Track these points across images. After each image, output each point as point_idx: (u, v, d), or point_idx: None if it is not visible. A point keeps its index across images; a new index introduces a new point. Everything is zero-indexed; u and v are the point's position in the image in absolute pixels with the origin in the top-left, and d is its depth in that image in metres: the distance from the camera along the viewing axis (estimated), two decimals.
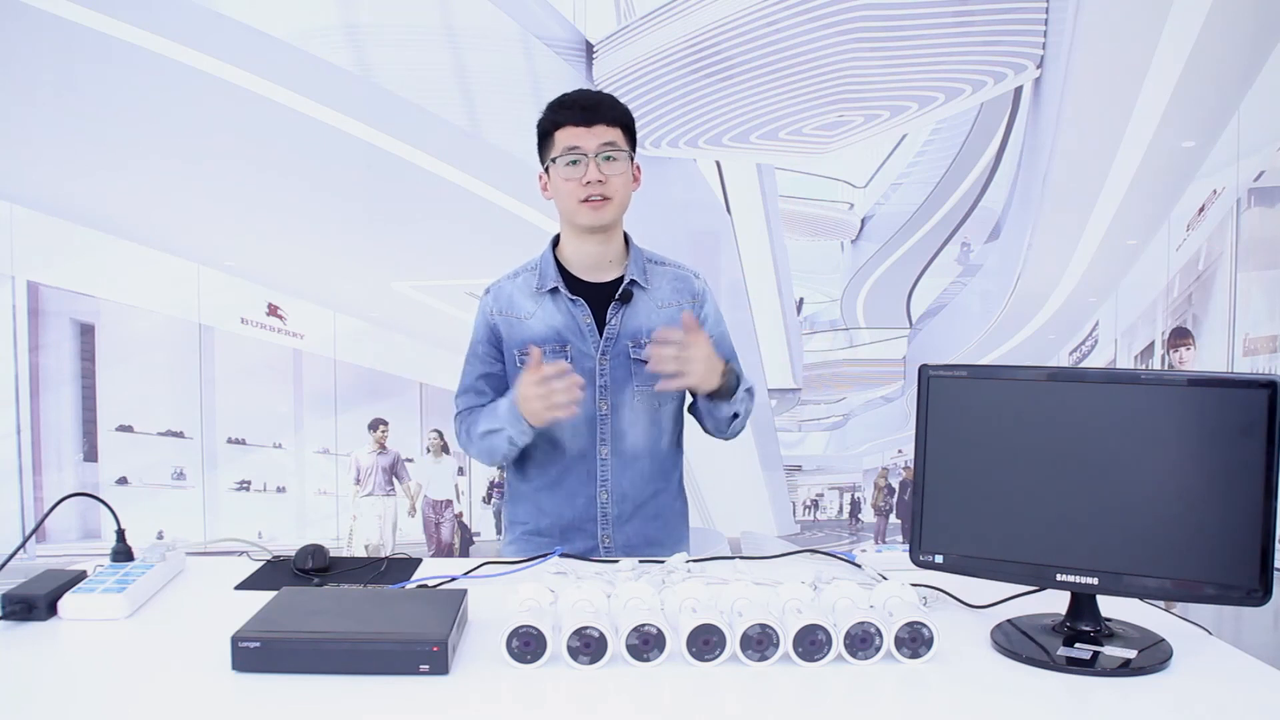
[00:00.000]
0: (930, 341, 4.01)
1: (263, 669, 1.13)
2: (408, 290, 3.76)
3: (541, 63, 3.76)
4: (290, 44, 3.55)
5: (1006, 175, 3.90)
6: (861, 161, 3.95)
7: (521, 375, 1.68)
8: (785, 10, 3.71)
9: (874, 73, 3.75)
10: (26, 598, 1.32)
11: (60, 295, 3.56)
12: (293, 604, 1.26)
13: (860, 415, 4.09)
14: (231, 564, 1.64)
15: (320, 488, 3.79)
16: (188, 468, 3.67)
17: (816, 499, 4.11)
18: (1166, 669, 1.16)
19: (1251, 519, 1.12)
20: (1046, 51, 3.73)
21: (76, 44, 3.40)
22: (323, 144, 3.58)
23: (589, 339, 1.80)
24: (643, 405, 1.81)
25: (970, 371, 1.31)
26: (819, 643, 1.16)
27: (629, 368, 1.80)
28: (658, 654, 1.17)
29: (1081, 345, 3.93)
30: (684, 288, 1.86)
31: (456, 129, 3.69)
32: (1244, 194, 3.62)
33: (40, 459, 3.56)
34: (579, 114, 1.74)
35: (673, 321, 1.82)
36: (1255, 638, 3.11)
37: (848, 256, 4.07)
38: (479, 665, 1.17)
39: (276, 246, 3.70)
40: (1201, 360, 3.70)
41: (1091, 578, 1.20)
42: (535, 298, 1.82)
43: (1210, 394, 1.15)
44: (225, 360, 3.68)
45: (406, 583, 1.50)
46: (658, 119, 3.79)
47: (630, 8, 3.81)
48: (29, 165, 3.47)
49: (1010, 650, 1.20)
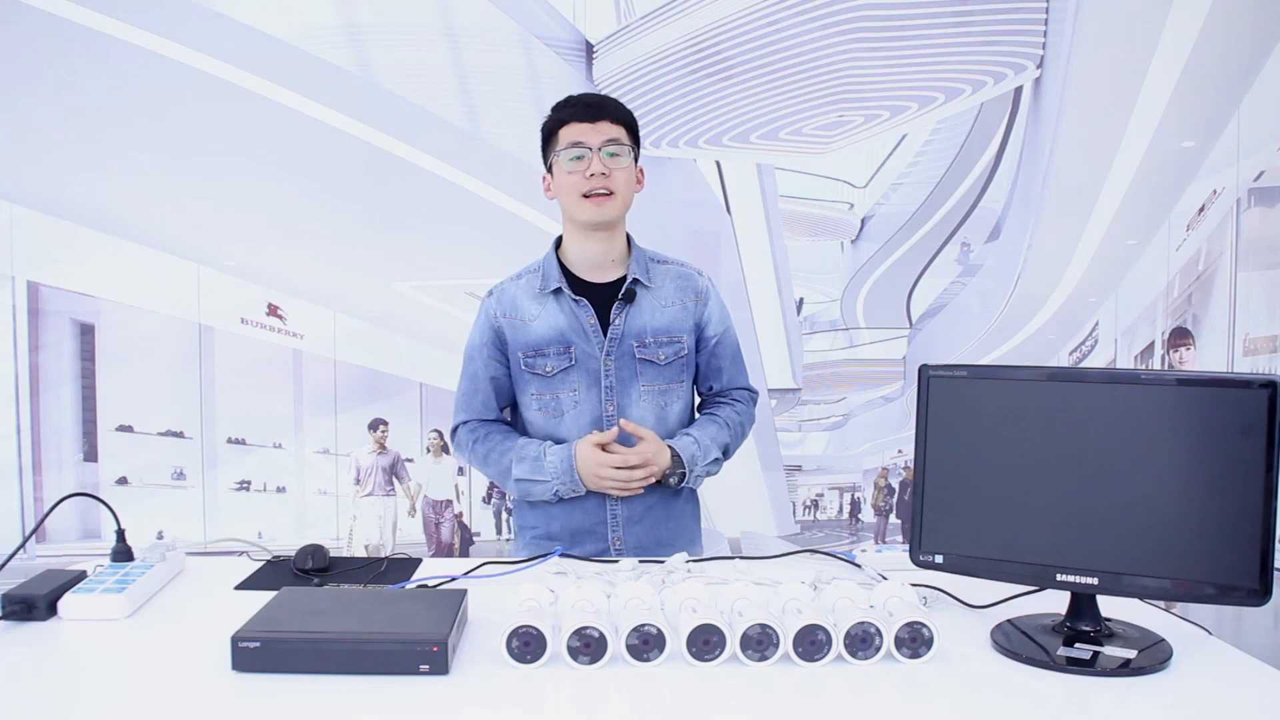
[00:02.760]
0: (930, 341, 4.01)
1: (263, 669, 1.13)
2: (408, 290, 3.76)
3: (541, 63, 3.76)
4: (290, 44, 3.55)
5: (1006, 175, 3.90)
6: (861, 161, 3.96)
7: (591, 453, 1.72)
8: (785, 10, 3.71)
9: (874, 73, 3.75)
10: (26, 598, 1.32)
11: (60, 295, 3.56)
12: (293, 604, 1.26)
13: (860, 415, 4.09)
14: (231, 564, 1.64)
15: (320, 488, 3.80)
16: (188, 468, 3.67)
17: (816, 499, 4.12)
18: (1166, 669, 1.16)
19: (1251, 519, 1.12)
20: (1046, 51, 3.73)
21: (77, 44, 3.40)
22: (323, 144, 3.58)
23: (593, 339, 1.79)
24: (649, 404, 1.81)
25: (970, 371, 1.31)
26: (819, 643, 1.16)
27: (634, 367, 1.80)
28: (658, 654, 1.17)
29: (1081, 345, 3.93)
30: (687, 286, 1.86)
31: (456, 129, 3.69)
32: (1244, 194, 3.62)
33: (40, 459, 3.57)
34: (583, 110, 1.74)
35: (676, 320, 1.82)
36: (1255, 638, 3.11)
37: (848, 256, 4.07)
38: (479, 665, 1.17)
39: (276, 246, 3.70)
40: (1201, 360, 3.71)
41: (1091, 578, 1.20)
42: (539, 299, 1.81)
43: (1210, 394, 1.15)
44: (225, 360, 3.68)
45: (406, 583, 1.50)
46: (658, 119, 3.79)
47: (630, 8, 3.81)
48: (29, 165, 3.48)
49: (1010, 650, 1.20)
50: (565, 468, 1.73)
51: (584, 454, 1.72)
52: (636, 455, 1.71)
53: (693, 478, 1.79)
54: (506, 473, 1.80)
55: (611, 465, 1.70)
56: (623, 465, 1.70)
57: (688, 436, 1.79)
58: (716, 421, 1.84)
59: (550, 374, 1.79)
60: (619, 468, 1.70)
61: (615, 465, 1.70)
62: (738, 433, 1.87)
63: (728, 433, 1.84)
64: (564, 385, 1.79)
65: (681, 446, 1.77)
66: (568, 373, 1.79)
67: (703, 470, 1.81)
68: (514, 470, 1.78)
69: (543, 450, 1.77)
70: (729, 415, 1.86)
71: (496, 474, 1.83)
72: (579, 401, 1.79)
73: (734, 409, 1.88)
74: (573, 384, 1.79)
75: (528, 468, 1.77)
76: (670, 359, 1.81)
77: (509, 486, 1.82)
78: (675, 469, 1.77)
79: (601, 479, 1.71)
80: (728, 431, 1.84)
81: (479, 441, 1.84)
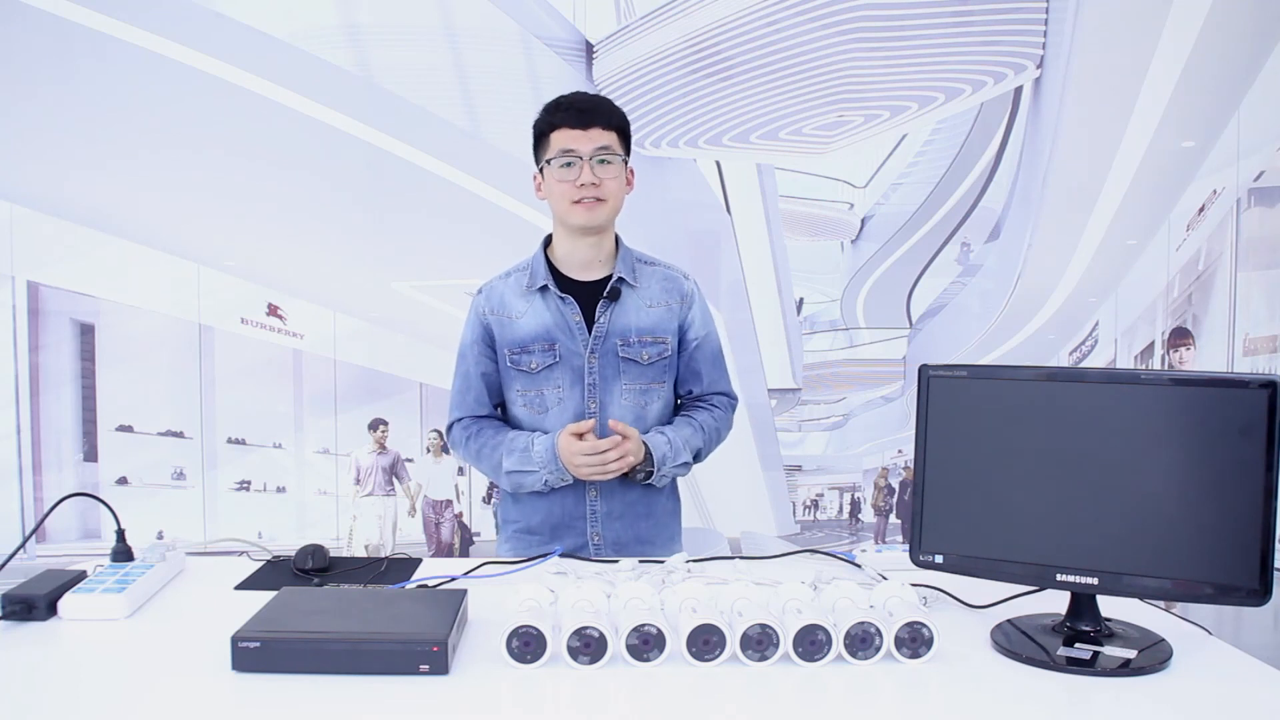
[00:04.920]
0: (930, 341, 4.01)
1: (263, 669, 1.13)
2: (408, 290, 3.76)
3: (541, 63, 3.76)
4: (290, 44, 3.55)
5: (1006, 175, 3.90)
6: (861, 161, 3.95)
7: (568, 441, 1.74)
8: (785, 10, 3.71)
9: (874, 73, 3.75)
10: (26, 598, 1.32)
11: (60, 295, 3.56)
12: (293, 604, 1.26)
13: (860, 415, 4.09)
14: (231, 564, 1.64)
15: (320, 488, 3.79)
16: (188, 468, 3.67)
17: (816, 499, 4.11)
18: (1166, 669, 1.16)
19: (1251, 519, 1.12)
20: (1046, 51, 3.73)
21: (76, 44, 3.40)
22: (323, 144, 3.58)
23: (578, 337, 1.81)
24: (630, 402, 1.83)
25: (970, 371, 1.31)
26: (819, 643, 1.16)
27: (617, 365, 1.82)
28: (658, 654, 1.17)
29: (1081, 345, 3.93)
30: (673, 288, 1.88)
31: (456, 129, 3.69)
32: (1244, 194, 3.61)
33: (40, 459, 3.56)
34: (575, 116, 1.75)
35: (661, 321, 1.84)
36: (1255, 638, 3.11)
37: (848, 256, 4.07)
38: (479, 665, 1.17)
39: (276, 246, 3.70)
40: (1201, 360, 3.70)
41: (1091, 578, 1.20)
42: (526, 297, 1.84)
43: (1210, 394, 1.15)
44: (225, 360, 3.68)
45: (406, 583, 1.50)
46: (658, 119, 3.79)
47: (630, 8, 3.81)
48: (29, 165, 3.47)
49: (1010, 650, 1.20)
50: (550, 457, 1.76)
51: (561, 442, 1.76)
52: (607, 442, 1.74)
53: (658, 476, 1.81)
54: (499, 467, 1.82)
55: (583, 453, 1.73)
56: (592, 451, 1.72)
57: (662, 436, 1.81)
58: (692, 424, 1.86)
59: (535, 370, 1.82)
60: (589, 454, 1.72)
61: (586, 452, 1.72)
62: (711, 438, 1.89)
63: (701, 437, 1.86)
64: (548, 382, 1.82)
65: (655, 445, 1.79)
66: (552, 369, 1.81)
67: (670, 471, 1.83)
68: (505, 463, 1.81)
69: (530, 441, 1.80)
70: (705, 420, 1.88)
71: (490, 469, 1.86)
72: (563, 398, 1.82)
73: (711, 414, 1.89)
74: (556, 381, 1.81)
75: (517, 459, 1.80)
76: (653, 359, 1.83)
77: (502, 480, 1.85)
78: (644, 466, 1.79)
79: (576, 465, 1.74)
80: (701, 436, 1.86)
81: (472, 438, 1.86)
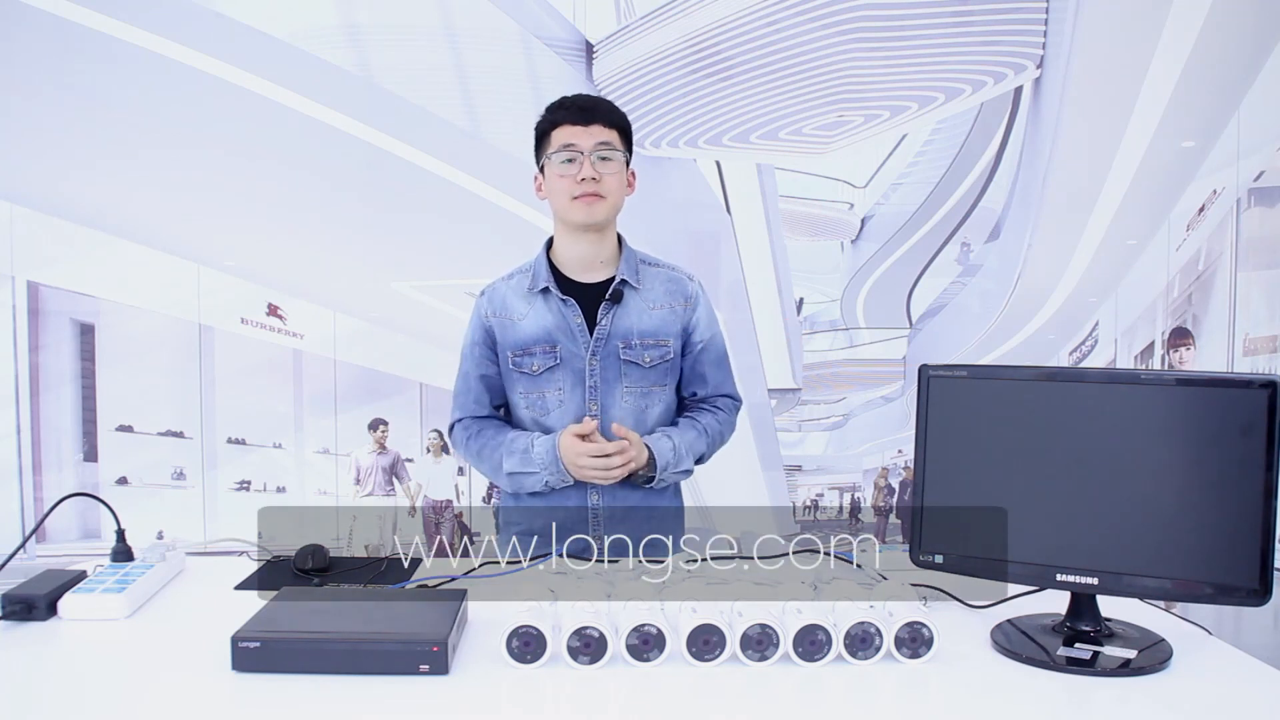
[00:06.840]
0: (930, 341, 4.01)
1: (263, 669, 1.13)
2: (408, 290, 3.76)
3: (541, 63, 3.76)
4: (290, 44, 3.55)
5: (1006, 175, 3.90)
6: (861, 161, 3.96)
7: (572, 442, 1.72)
8: (785, 10, 3.71)
9: (874, 73, 3.75)
10: (26, 598, 1.32)
11: (60, 295, 3.56)
12: (293, 604, 1.26)
13: (860, 415, 4.09)
14: (231, 564, 1.64)
15: (320, 488, 3.79)
16: (188, 468, 3.67)
17: (816, 499, 4.11)
18: (1166, 669, 1.16)
19: (1251, 519, 1.12)
20: (1046, 51, 3.73)
21: (77, 44, 3.40)
22: (323, 144, 3.58)
23: (579, 339, 1.80)
24: (631, 405, 1.82)
25: (970, 371, 1.31)
26: (819, 643, 1.16)
27: (619, 368, 1.81)
28: (658, 654, 1.17)
29: (1081, 345, 3.93)
30: (677, 290, 1.86)
31: (456, 129, 3.69)
32: (1244, 194, 3.61)
33: (40, 459, 3.57)
34: (576, 113, 1.75)
35: (664, 323, 1.83)
36: (1255, 638, 3.11)
37: (848, 256, 4.07)
38: (479, 665, 1.17)
39: (276, 246, 3.70)
40: (1201, 360, 3.71)
41: (1091, 578, 1.20)
42: (527, 298, 1.83)
43: (1210, 394, 1.15)
44: (225, 360, 3.68)
45: (406, 583, 1.50)
46: (658, 119, 3.79)
47: (630, 8, 3.81)
48: (29, 165, 3.47)
49: (1010, 650, 1.20)
50: (551, 458, 1.76)
51: (565, 443, 1.75)
52: (613, 446, 1.73)
53: (659, 480, 1.81)
54: (499, 467, 1.82)
55: (589, 454, 1.72)
56: (599, 454, 1.72)
57: (667, 441, 1.80)
58: (696, 428, 1.85)
59: (536, 373, 1.81)
60: (596, 456, 1.72)
61: (592, 454, 1.72)
62: (715, 441, 1.88)
63: (705, 441, 1.85)
64: (549, 384, 1.81)
65: (659, 450, 1.78)
66: (553, 372, 1.80)
67: (672, 476, 1.82)
68: (505, 464, 1.81)
69: (530, 442, 1.79)
70: (709, 423, 1.87)
71: (490, 469, 1.85)
72: (564, 401, 1.81)
73: (715, 417, 1.89)
74: (558, 383, 1.81)
75: (517, 460, 1.79)
76: (655, 362, 1.82)
77: (502, 481, 1.84)
78: (647, 471, 1.78)
79: (581, 467, 1.73)
80: (705, 439, 1.85)
81: (473, 438, 1.86)
